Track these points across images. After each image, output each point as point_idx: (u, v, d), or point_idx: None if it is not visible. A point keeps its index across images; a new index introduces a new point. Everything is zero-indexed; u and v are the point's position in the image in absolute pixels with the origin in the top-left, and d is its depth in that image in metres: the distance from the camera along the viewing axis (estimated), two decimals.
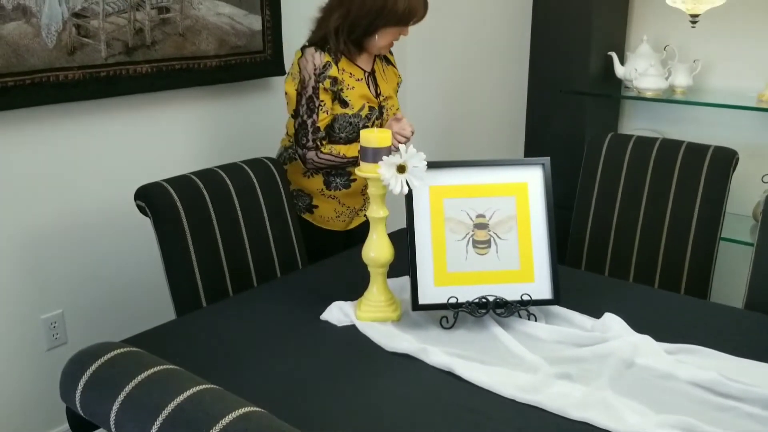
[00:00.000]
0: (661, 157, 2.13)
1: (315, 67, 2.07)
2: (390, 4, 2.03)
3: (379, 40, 2.10)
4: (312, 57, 2.07)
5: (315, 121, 2.08)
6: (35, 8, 2.10)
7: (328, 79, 2.07)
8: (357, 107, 2.13)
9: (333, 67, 2.08)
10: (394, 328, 1.55)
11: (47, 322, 2.33)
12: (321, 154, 2.09)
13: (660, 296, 1.80)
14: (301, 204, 2.23)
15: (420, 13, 2.09)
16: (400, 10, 2.04)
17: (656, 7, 2.79)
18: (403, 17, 2.06)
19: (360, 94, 2.13)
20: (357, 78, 2.14)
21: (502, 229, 1.60)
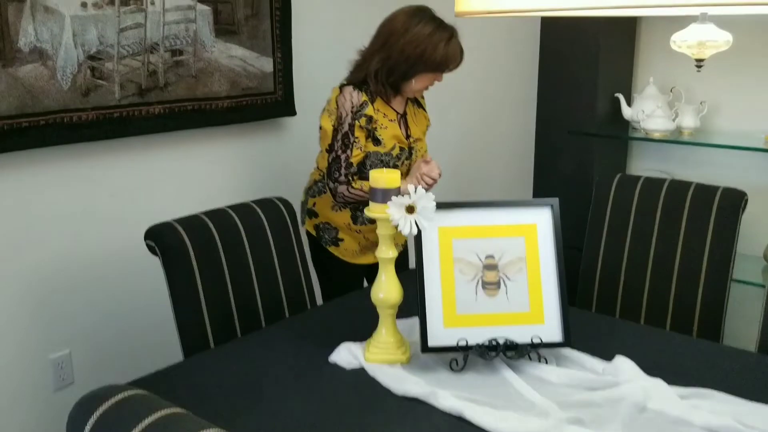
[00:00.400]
0: (670, 197, 2.13)
1: (353, 105, 2.16)
2: (429, 52, 2.12)
3: (415, 84, 2.19)
4: (350, 95, 2.17)
5: (348, 157, 2.14)
6: (51, 51, 2.14)
7: (364, 117, 2.15)
8: (389, 146, 2.20)
9: (369, 107, 2.16)
10: (403, 371, 1.54)
11: (55, 362, 2.33)
12: (352, 189, 2.14)
13: (672, 339, 1.79)
14: (327, 236, 2.30)
15: (456, 61, 2.18)
16: (438, 58, 2.13)
17: (662, 50, 2.82)
18: (440, 65, 2.15)
19: (392, 134, 2.21)
20: (390, 119, 2.21)
21: (511, 270, 1.60)
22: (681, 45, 1.19)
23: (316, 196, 2.31)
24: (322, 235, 2.31)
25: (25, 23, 2.08)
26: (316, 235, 2.33)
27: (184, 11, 2.46)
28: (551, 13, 1.28)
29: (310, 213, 2.35)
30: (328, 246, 2.30)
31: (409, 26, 2.14)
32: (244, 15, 2.64)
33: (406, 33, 2.13)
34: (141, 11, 2.34)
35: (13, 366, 2.24)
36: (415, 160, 2.28)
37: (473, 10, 1.21)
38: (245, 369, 1.59)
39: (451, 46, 2.15)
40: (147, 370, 1.60)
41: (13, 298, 2.22)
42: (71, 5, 2.17)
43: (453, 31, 2.18)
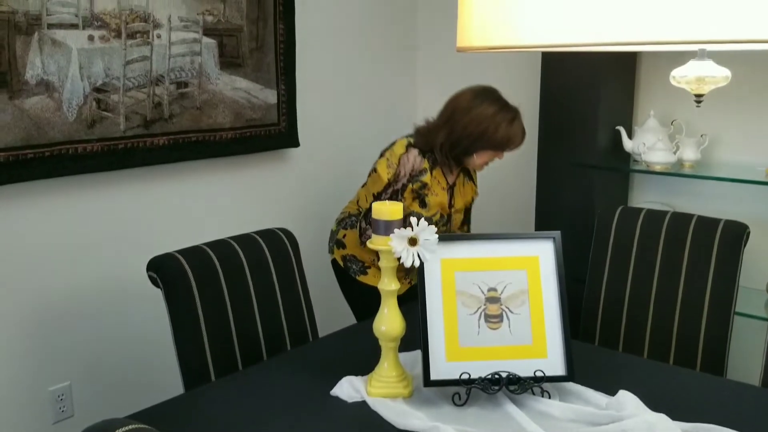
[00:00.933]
0: (672, 230, 2.14)
1: (413, 169, 2.26)
2: (491, 131, 2.21)
3: (476, 160, 2.29)
4: (414, 159, 2.25)
5: None
6: (58, 83, 2.17)
7: (419, 182, 2.26)
8: (432, 211, 2.30)
9: (427, 174, 2.26)
10: (405, 405, 1.53)
11: (54, 394, 2.31)
12: None
13: (675, 373, 1.77)
14: (354, 267, 2.38)
15: (517, 142, 2.27)
16: (500, 137, 2.22)
17: (662, 84, 2.85)
18: (501, 144, 2.23)
19: (439, 202, 2.31)
20: (442, 187, 2.33)
21: (514, 303, 1.59)
22: (680, 81, 1.20)
23: (348, 228, 2.39)
24: (349, 266, 2.38)
25: (33, 56, 2.11)
26: (344, 265, 2.40)
27: (189, 44, 2.50)
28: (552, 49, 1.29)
29: (339, 243, 2.42)
30: (356, 276, 2.37)
31: (474, 105, 2.22)
32: (248, 48, 2.68)
33: (470, 111, 2.22)
34: (147, 44, 2.37)
35: (13, 398, 2.23)
36: (449, 230, 2.38)
37: (474, 46, 1.23)
38: (246, 402, 1.58)
39: (513, 127, 2.23)
40: (147, 403, 1.60)
41: (13, 329, 2.21)
42: (78, 38, 2.20)
43: (516, 113, 2.26)
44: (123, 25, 2.30)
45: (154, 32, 2.38)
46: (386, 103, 3.39)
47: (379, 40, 3.32)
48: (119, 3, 2.28)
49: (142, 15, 2.35)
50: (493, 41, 1.17)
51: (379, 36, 3.32)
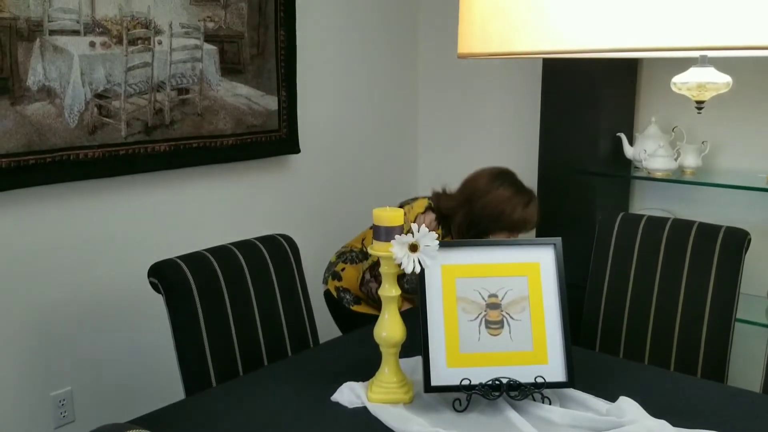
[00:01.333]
0: (673, 237, 2.14)
1: None
2: (507, 213, 2.25)
3: (489, 233, 2.29)
4: (430, 223, 2.27)
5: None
6: (59, 90, 2.17)
7: None
8: None
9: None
10: (406, 411, 1.53)
11: (56, 399, 2.31)
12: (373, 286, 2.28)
13: (676, 379, 1.77)
14: (348, 297, 2.39)
15: (531, 224, 2.30)
16: (515, 219, 2.26)
17: (663, 90, 2.85)
18: (516, 225, 2.27)
19: None
20: None
21: (514, 309, 1.59)
22: (681, 87, 1.21)
23: (348, 263, 2.40)
24: (343, 296, 2.39)
25: (34, 62, 2.11)
26: (337, 296, 2.40)
27: (190, 50, 2.50)
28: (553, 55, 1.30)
29: (335, 275, 2.42)
30: (350, 306, 2.38)
31: (492, 188, 2.27)
32: (249, 54, 2.69)
33: (488, 193, 2.26)
34: (148, 50, 2.38)
35: (15, 403, 2.23)
36: None
37: (475, 52, 1.23)
38: (247, 407, 1.58)
39: (528, 210, 2.27)
40: (148, 409, 1.59)
41: (15, 334, 2.21)
42: (80, 45, 2.20)
43: (532, 197, 2.30)
44: (124, 32, 2.31)
45: (156, 39, 2.39)
46: (387, 109, 3.39)
47: (380, 46, 3.33)
48: (121, 9, 2.29)
49: (143, 21, 2.35)
50: (493, 48, 1.17)
51: (380, 43, 3.33)
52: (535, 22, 1.09)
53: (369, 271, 2.32)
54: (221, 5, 2.57)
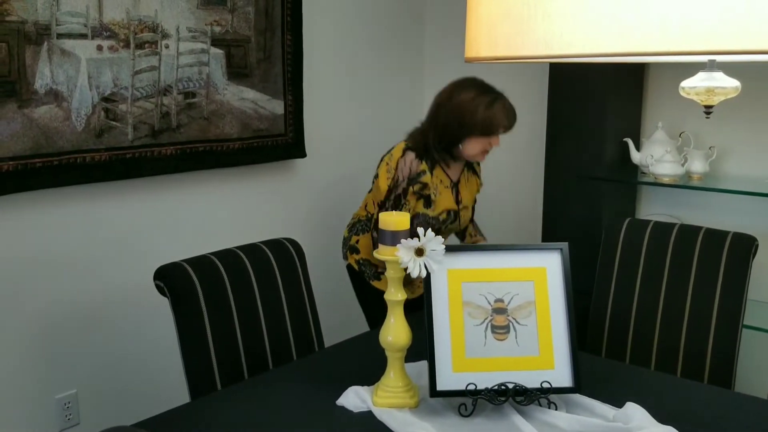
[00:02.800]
0: (680, 242, 2.13)
1: (410, 172, 2.27)
2: (468, 117, 2.21)
3: (466, 150, 2.28)
4: (410, 163, 2.26)
5: None
6: (66, 93, 2.18)
7: (419, 184, 2.27)
8: (438, 210, 2.31)
9: (427, 175, 2.29)
10: (411, 416, 1.52)
11: (61, 401, 2.32)
12: None
13: (683, 385, 1.76)
14: (369, 271, 2.39)
15: (502, 124, 2.24)
16: (479, 120, 2.21)
17: (670, 95, 2.85)
18: (484, 128, 2.22)
19: (444, 200, 2.33)
20: (445, 185, 2.33)
21: (521, 314, 1.59)
22: (690, 92, 1.20)
23: (360, 233, 2.42)
24: (364, 269, 2.40)
25: (42, 65, 2.12)
26: (358, 269, 2.42)
27: (197, 54, 2.51)
28: (560, 60, 1.30)
29: (352, 249, 2.45)
30: (371, 280, 2.38)
31: (453, 95, 2.25)
32: (256, 58, 2.69)
33: (449, 102, 2.25)
34: (155, 54, 2.39)
35: (20, 405, 2.23)
36: (458, 226, 2.40)
37: (483, 57, 1.23)
38: (252, 411, 1.58)
39: (492, 109, 2.22)
40: (153, 412, 1.59)
41: (20, 337, 2.22)
42: (87, 48, 2.21)
43: (497, 96, 2.25)
44: (132, 35, 2.31)
45: (163, 42, 2.40)
46: (394, 113, 3.39)
47: (387, 50, 3.34)
48: (128, 13, 2.29)
49: (150, 25, 2.36)
50: (501, 52, 1.17)
51: (387, 47, 3.33)
52: (542, 26, 1.09)
53: (375, 230, 2.31)
54: (228, 9, 2.58)
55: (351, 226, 2.48)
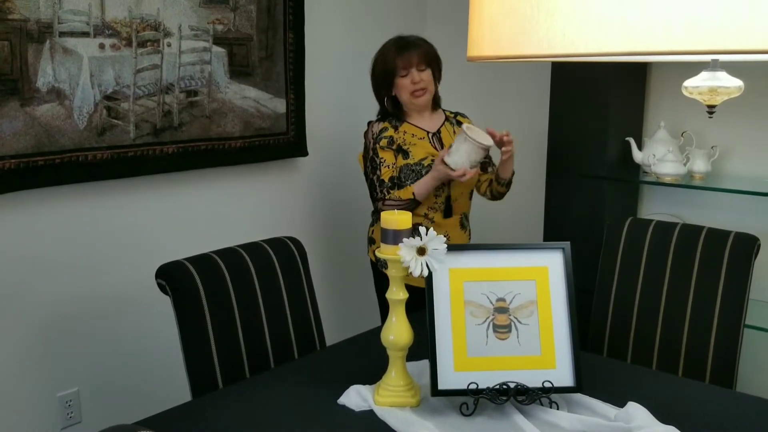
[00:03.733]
0: (682, 242, 2.13)
1: (373, 133, 2.44)
2: (375, 69, 2.46)
3: (402, 99, 2.43)
4: (371, 127, 2.47)
5: (379, 176, 2.40)
6: (69, 91, 2.18)
7: (385, 139, 2.41)
8: (418, 158, 2.40)
9: (389, 131, 2.42)
10: (412, 414, 1.52)
11: (63, 399, 2.32)
12: (386, 202, 2.37)
13: (685, 385, 1.76)
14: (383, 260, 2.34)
15: (392, 55, 2.40)
16: (379, 67, 2.44)
17: (673, 95, 2.84)
18: (385, 70, 2.42)
19: (423, 149, 2.41)
20: (419, 137, 2.43)
21: (522, 313, 1.59)
22: (693, 92, 1.20)
23: (375, 224, 2.50)
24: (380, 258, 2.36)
25: (44, 63, 2.12)
26: (375, 260, 2.46)
27: (199, 53, 2.51)
28: (563, 59, 1.29)
29: (370, 240, 2.54)
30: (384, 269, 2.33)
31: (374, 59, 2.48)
32: (258, 57, 2.69)
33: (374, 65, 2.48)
34: (157, 53, 2.38)
35: (21, 403, 2.23)
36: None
37: (484, 56, 1.23)
38: (253, 410, 1.58)
39: (384, 48, 2.44)
40: (155, 410, 1.59)
41: (22, 335, 2.22)
42: (89, 46, 2.21)
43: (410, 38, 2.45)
44: (134, 34, 2.31)
45: (165, 41, 2.40)
46: None
47: None
48: (130, 11, 2.29)
49: (152, 24, 2.36)
50: (503, 51, 1.17)
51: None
52: (545, 25, 1.09)
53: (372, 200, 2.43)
54: (230, 8, 2.57)
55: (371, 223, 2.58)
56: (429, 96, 2.44)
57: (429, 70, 2.42)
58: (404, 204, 2.35)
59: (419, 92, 2.40)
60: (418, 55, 2.40)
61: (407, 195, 2.36)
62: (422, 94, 2.41)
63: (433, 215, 2.44)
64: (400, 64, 2.39)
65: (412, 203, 2.36)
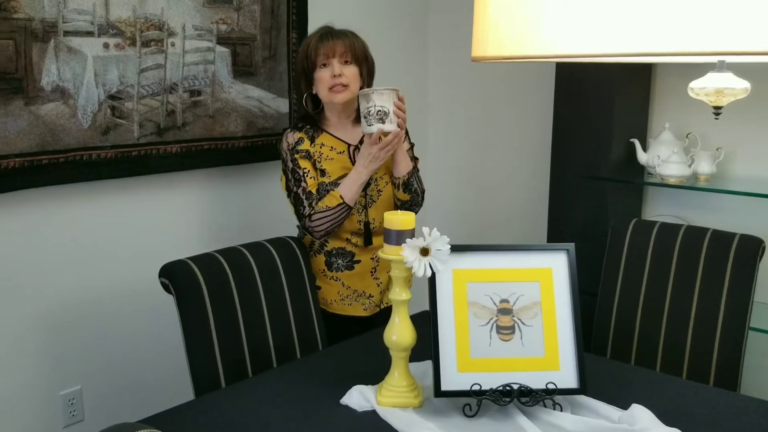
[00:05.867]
0: (686, 244, 2.12)
1: (288, 144, 2.15)
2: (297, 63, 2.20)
3: (321, 96, 2.15)
4: (285, 137, 2.17)
5: (305, 188, 2.11)
6: (73, 90, 2.18)
7: (301, 152, 2.13)
8: (335, 176, 2.13)
9: (306, 142, 2.14)
10: (415, 415, 1.52)
11: (65, 398, 2.32)
12: (314, 216, 2.08)
13: (688, 387, 1.75)
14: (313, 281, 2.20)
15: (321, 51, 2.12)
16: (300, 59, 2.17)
17: (678, 96, 2.83)
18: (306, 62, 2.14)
19: (341, 166, 2.14)
20: (338, 151, 2.16)
21: (526, 315, 1.58)
22: (699, 93, 1.20)
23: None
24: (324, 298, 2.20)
25: (49, 63, 2.12)
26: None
27: (203, 53, 2.51)
28: (568, 59, 1.29)
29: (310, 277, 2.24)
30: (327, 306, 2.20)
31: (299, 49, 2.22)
32: (261, 57, 2.69)
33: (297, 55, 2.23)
34: (161, 52, 2.39)
35: (24, 402, 2.23)
36: (373, 189, 2.17)
37: (488, 56, 1.22)
38: (256, 409, 1.57)
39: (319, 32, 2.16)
40: (157, 408, 1.59)
41: (25, 333, 2.22)
42: (94, 46, 2.21)
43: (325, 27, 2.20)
44: (138, 33, 2.31)
45: (169, 40, 2.40)
46: None
47: (390, 49, 3.33)
48: (134, 11, 2.29)
49: (156, 23, 2.36)
50: (508, 51, 1.16)
51: (391, 46, 3.32)
52: (550, 25, 1.08)
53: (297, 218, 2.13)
54: (234, 8, 2.57)
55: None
56: (349, 95, 2.12)
57: (355, 66, 2.14)
58: (335, 213, 2.06)
59: (338, 88, 2.09)
60: (343, 45, 2.12)
61: (335, 201, 2.06)
62: (341, 91, 2.10)
63: (356, 240, 2.17)
64: (321, 52, 2.11)
65: (344, 210, 2.07)
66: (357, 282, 2.19)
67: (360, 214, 2.16)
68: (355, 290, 2.20)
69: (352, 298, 2.20)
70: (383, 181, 2.19)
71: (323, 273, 2.19)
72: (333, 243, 2.17)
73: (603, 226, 2.69)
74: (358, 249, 2.18)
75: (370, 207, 2.17)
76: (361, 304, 2.21)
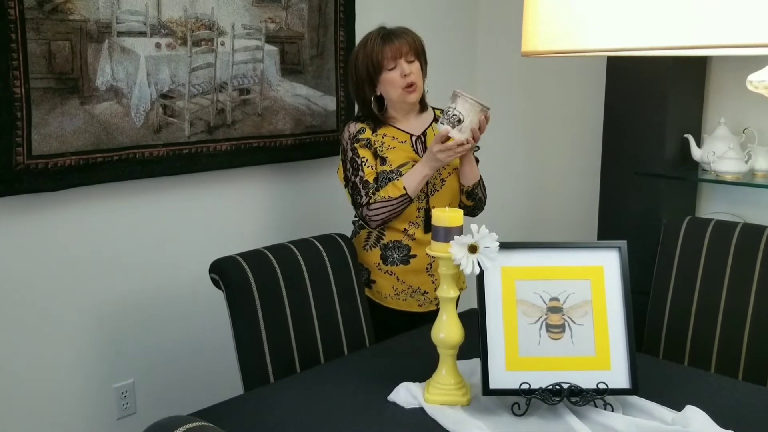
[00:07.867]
0: (743, 242, 2.06)
1: (350, 134, 2.19)
2: (359, 66, 2.17)
3: (389, 96, 2.17)
4: (347, 128, 2.22)
5: (363, 177, 2.15)
6: (126, 90, 2.23)
7: (362, 140, 2.17)
8: (396, 164, 2.16)
9: (367, 131, 2.18)
10: (463, 413, 1.51)
11: (119, 390, 2.37)
12: (372, 206, 2.12)
13: (745, 389, 1.70)
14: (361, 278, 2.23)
15: (388, 54, 2.13)
16: (361, 67, 2.16)
17: (733, 90, 2.75)
18: (374, 67, 2.14)
19: (403, 155, 2.17)
20: (400, 140, 2.19)
21: (576, 313, 1.56)
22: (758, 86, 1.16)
23: (353, 237, 2.28)
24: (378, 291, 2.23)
25: (103, 63, 2.17)
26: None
27: (252, 51, 2.53)
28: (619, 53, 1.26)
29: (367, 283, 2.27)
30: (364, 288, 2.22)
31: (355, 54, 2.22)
32: (309, 55, 2.70)
33: (348, 65, 2.25)
34: (211, 51, 2.42)
35: (80, 394, 2.29)
36: (435, 178, 2.19)
37: (539, 50, 1.20)
38: (304, 404, 1.59)
39: (367, 45, 2.15)
40: (207, 402, 1.62)
41: (81, 329, 2.28)
42: (146, 46, 2.26)
43: (381, 28, 2.19)
44: (189, 33, 2.35)
45: (218, 40, 2.43)
46: None
47: (439, 46, 3.31)
48: (185, 11, 2.33)
49: (207, 23, 2.39)
50: (558, 45, 1.14)
51: (439, 42, 3.31)
52: (601, 18, 1.06)
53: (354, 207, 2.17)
54: (282, 6, 2.59)
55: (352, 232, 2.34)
56: (421, 92, 2.19)
57: (418, 63, 2.17)
58: (395, 204, 2.09)
59: (411, 87, 2.14)
60: (407, 44, 2.14)
61: (397, 192, 2.09)
62: (414, 90, 2.15)
63: (413, 231, 2.19)
64: (388, 54, 2.12)
65: (405, 201, 2.10)
66: (412, 278, 2.20)
67: (421, 201, 2.18)
68: (410, 285, 2.21)
69: (407, 293, 2.21)
70: (446, 171, 2.20)
71: (378, 267, 2.21)
72: (390, 235, 2.18)
73: (655, 224, 2.63)
74: (414, 242, 2.19)
75: (432, 195, 2.19)
76: (416, 300, 2.22)
